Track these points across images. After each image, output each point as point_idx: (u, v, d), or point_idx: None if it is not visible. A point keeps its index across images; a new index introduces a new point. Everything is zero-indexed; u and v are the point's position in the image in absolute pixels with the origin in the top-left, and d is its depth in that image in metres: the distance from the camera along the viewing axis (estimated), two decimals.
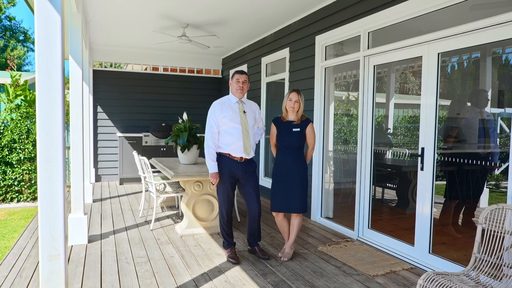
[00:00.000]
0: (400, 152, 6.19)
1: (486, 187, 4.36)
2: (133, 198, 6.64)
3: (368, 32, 4.33)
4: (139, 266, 3.54)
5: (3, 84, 9.84)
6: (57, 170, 2.02)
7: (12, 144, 6.82)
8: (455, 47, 3.37)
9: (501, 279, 2.45)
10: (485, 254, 2.52)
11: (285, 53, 6.05)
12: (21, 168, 6.83)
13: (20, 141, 6.90)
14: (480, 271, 2.50)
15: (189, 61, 8.85)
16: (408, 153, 5.91)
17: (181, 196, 4.95)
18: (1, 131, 6.84)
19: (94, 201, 6.33)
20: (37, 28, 1.94)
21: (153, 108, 8.58)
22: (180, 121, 5.10)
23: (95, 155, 8.21)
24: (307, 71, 5.43)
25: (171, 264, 3.61)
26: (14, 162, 6.79)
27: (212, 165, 3.60)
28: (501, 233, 2.49)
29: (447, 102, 5.36)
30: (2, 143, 6.75)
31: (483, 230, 2.56)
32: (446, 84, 5.68)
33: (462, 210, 4.44)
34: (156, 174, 5.34)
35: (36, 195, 6.89)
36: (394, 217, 5.52)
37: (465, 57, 4.75)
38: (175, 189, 4.94)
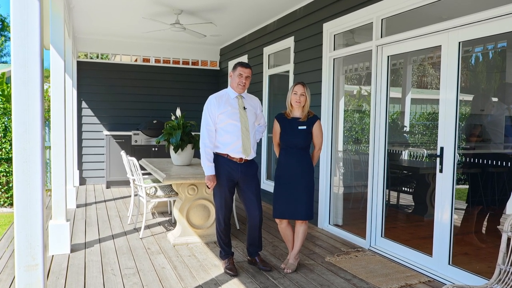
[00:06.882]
0: (417, 153, 6.18)
1: None
2: (121, 203, 6.65)
3: (382, 19, 4.32)
4: (126, 278, 3.55)
5: None
6: (35, 171, 2.02)
7: None
8: (478, 36, 3.37)
9: None
10: (511, 265, 2.52)
11: (289, 42, 6.05)
12: None
13: None
14: (506, 284, 2.49)
15: (183, 51, 8.86)
16: (426, 154, 5.90)
17: (174, 201, 4.96)
18: None
19: (77, 206, 6.35)
20: (12, 15, 1.95)
21: (143, 104, 8.59)
22: (173, 117, 5.11)
23: (79, 155, 8.23)
24: (314, 62, 5.43)
25: (162, 276, 3.61)
26: None
27: (208, 167, 3.60)
28: None
29: (470, 97, 5.35)
30: None
31: (508, 239, 2.55)
32: (469, 77, 5.67)
33: (486, 217, 4.43)
34: (146, 176, 5.36)
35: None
36: (410, 225, 5.51)
37: (490, 46, 4.74)
38: (167, 193, 4.95)
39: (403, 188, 5.95)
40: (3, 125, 7.05)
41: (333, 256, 4.20)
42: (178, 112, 5.04)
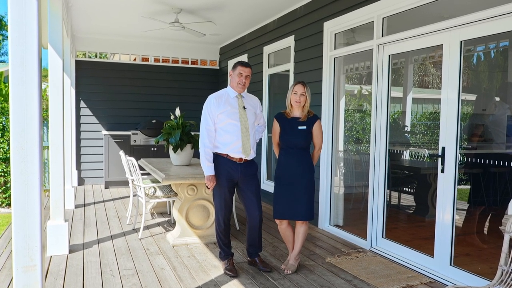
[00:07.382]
0: (418, 153, 6.17)
1: None
2: (120, 204, 6.65)
3: (383, 18, 4.32)
4: (125, 279, 3.55)
5: None
6: (33, 171, 2.02)
7: None
8: (480, 35, 3.37)
9: None
10: None
11: (289, 41, 6.05)
12: None
13: None
14: (508, 285, 2.49)
15: (182, 50, 8.86)
16: (428, 154, 5.90)
17: (173, 201, 4.96)
18: None
19: (76, 206, 6.35)
20: (10, 13, 1.95)
21: (142, 103, 8.59)
22: (172, 117, 5.11)
23: (78, 155, 8.23)
24: (314, 61, 5.43)
25: (161, 277, 3.61)
26: None
27: (208, 167, 3.60)
28: None
29: (472, 97, 5.34)
30: None
31: (510, 240, 2.55)
32: (471, 76, 5.66)
33: (488, 217, 4.43)
34: (145, 176, 5.35)
35: None
36: (412, 225, 5.51)
37: (492, 45, 4.73)
38: (166, 193, 4.95)
39: (404, 189, 5.95)
40: (1, 124, 7.06)
41: (333, 257, 4.20)
42: (178, 112, 5.04)
